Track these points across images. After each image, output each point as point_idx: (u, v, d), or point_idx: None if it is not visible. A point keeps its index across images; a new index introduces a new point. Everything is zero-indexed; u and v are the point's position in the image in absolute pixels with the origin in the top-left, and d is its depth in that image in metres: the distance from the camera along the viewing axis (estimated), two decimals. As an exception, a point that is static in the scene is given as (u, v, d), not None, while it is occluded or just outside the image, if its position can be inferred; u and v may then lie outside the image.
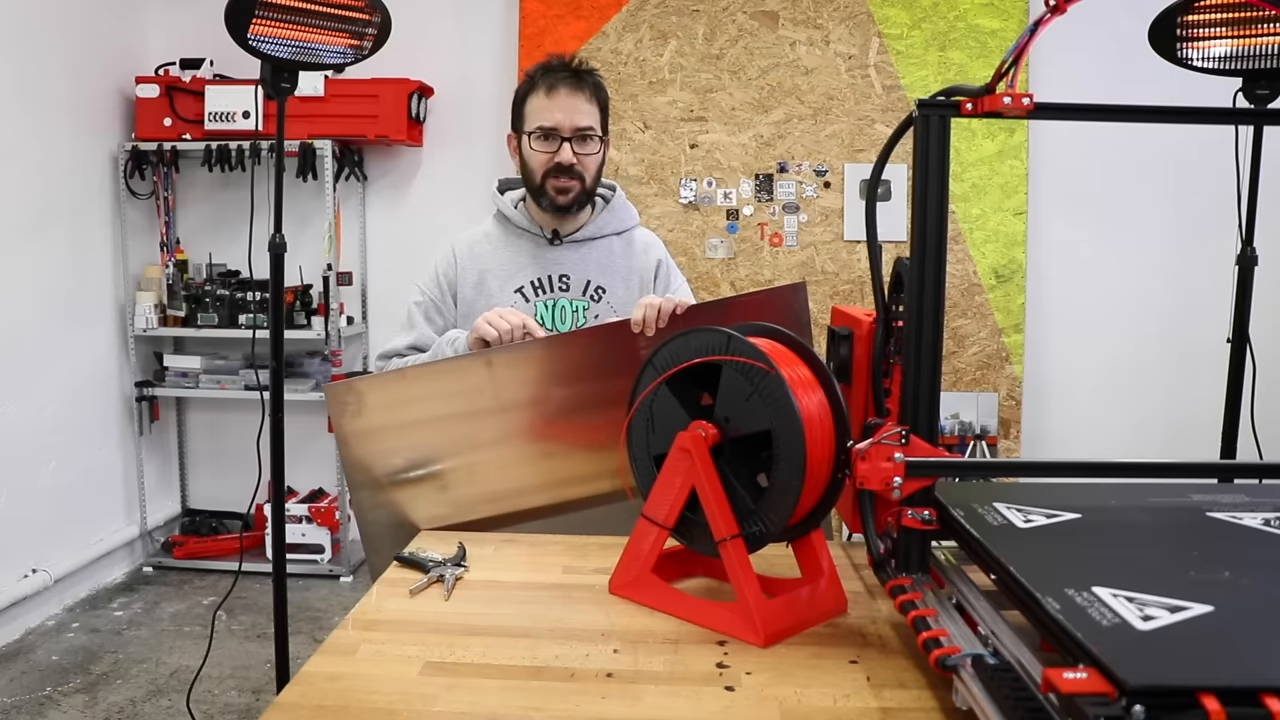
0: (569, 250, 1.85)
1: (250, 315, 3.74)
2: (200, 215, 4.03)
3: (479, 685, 0.94)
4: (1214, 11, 1.92)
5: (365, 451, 1.51)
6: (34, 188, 3.37)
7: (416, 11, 3.67)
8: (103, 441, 3.78)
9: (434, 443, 1.52)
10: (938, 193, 0.98)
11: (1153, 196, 3.73)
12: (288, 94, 1.93)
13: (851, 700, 0.91)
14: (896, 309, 1.10)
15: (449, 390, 1.55)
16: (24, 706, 2.76)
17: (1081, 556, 0.92)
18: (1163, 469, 1.05)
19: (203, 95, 3.70)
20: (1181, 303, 3.72)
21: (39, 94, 3.38)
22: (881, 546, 1.07)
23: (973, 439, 3.67)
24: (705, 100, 3.72)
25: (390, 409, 1.52)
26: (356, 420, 1.50)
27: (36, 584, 3.30)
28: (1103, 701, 0.63)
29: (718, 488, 1.07)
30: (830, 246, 3.72)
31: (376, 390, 1.53)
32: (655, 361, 1.16)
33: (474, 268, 1.84)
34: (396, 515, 1.51)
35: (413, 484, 1.51)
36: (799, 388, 1.04)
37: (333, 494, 3.96)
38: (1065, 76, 3.62)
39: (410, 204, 4.02)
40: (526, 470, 1.55)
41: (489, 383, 1.54)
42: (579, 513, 1.55)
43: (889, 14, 3.65)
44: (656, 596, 1.13)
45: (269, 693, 2.81)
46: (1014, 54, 0.92)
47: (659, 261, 1.91)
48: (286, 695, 0.92)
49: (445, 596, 1.18)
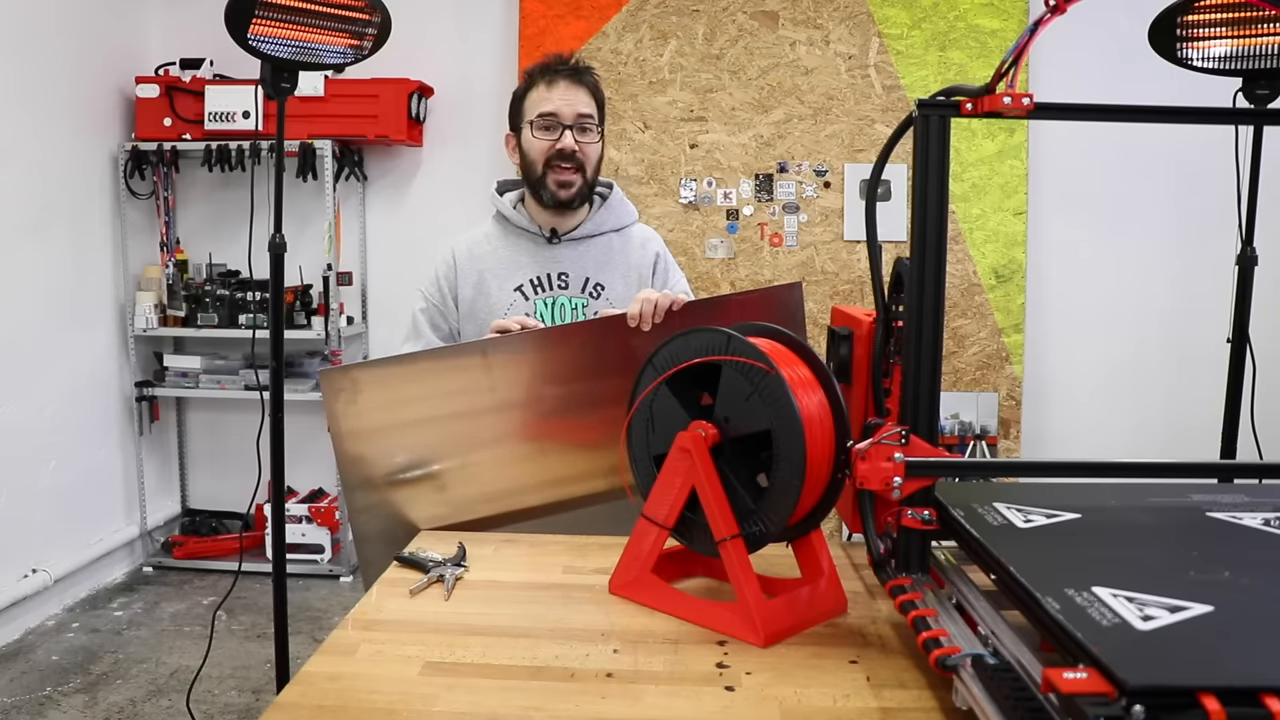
0: (567, 248, 1.85)
1: (250, 315, 3.74)
2: (200, 215, 4.03)
3: (479, 685, 0.94)
4: (1214, 11, 1.92)
5: (360, 449, 1.51)
6: (34, 188, 3.37)
7: (416, 11, 3.67)
8: (103, 441, 3.78)
9: (430, 441, 1.52)
10: (938, 193, 0.98)
11: (1153, 196, 3.72)
12: (288, 94, 1.93)
13: (851, 700, 0.91)
14: (896, 309, 1.10)
15: (445, 387, 1.54)
16: (24, 706, 2.76)
17: (1081, 556, 0.92)
18: (1163, 469, 1.05)
19: (203, 95, 3.70)
20: (1181, 303, 3.72)
21: (39, 94, 3.38)
22: (881, 546, 1.07)
23: (973, 439, 3.67)
24: (705, 100, 3.72)
25: (386, 405, 1.52)
26: (351, 411, 1.49)
27: (36, 584, 3.30)
28: (1103, 701, 0.63)
29: (718, 488, 1.07)
30: (830, 246, 3.72)
31: (372, 379, 1.52)
32: (655, 361, 1.16)
33: (473, 269, 1.85)
34: (392, 514, 1.50)
35: (409, 484, 1.51)
36: (799, 388, 1.04)
37: (333, 494, 3.96)
38: (1065, 76, 3.62)
39: (410, 204, 4.02)
40: (524, 469, 1.55)
41: (485, 378, 1.54)
42: (578, 512, 1.55)
43: (889, 14, 3.65)
44: (656, 596, 1.13)
45: (269, 693, 2.81)
46: (1014, 54, 0.91)
47: (657, 255, 1.91)
48: (286, 695, 0.92)
49: (445, 596, 1.18)
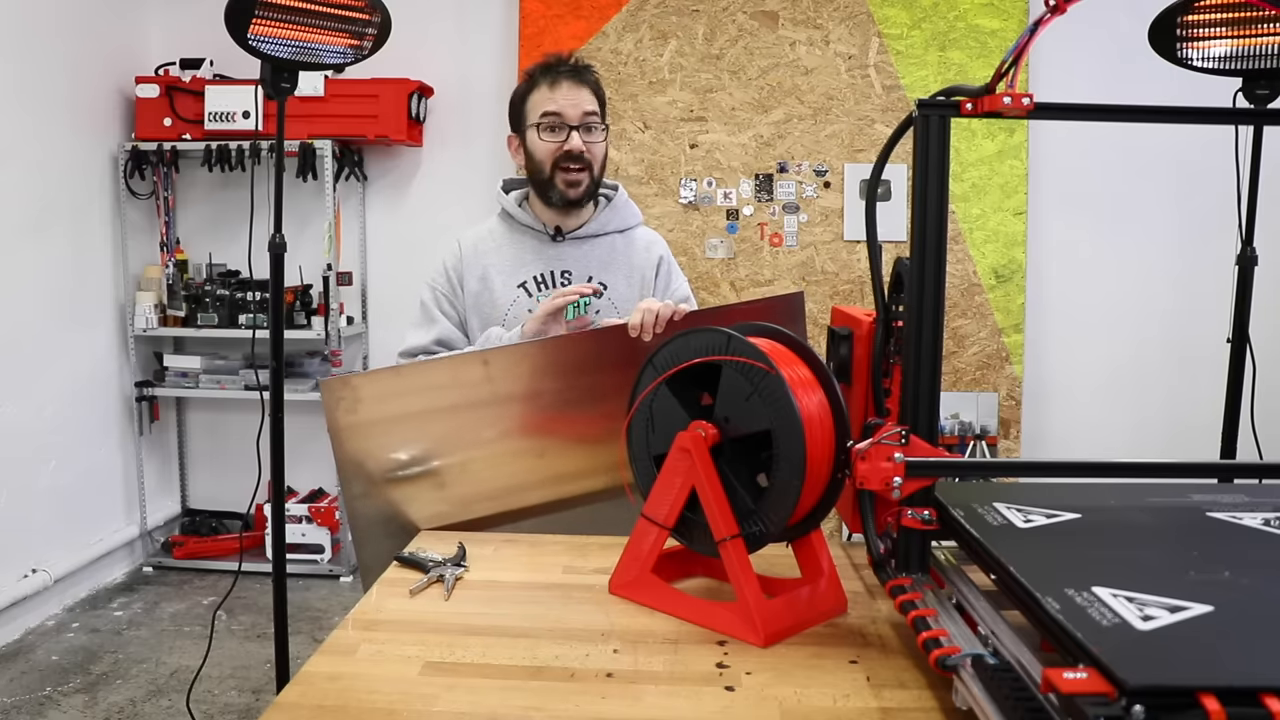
0: (571, 247, 1.86)
1: (250, 315, 3.74)
2: (200, 215, 4.03)
3: (479, 685, 0.94)
4: (1214, 11, 1.92)
5: (360, 448, 1.51)
6: (34, 188, 3.37)
7: (416, 11, 3.67)
8: (103, 441, 3.77)
9: (430, 440, 1.52)
10: (938, 193, 0.98)
11: (1153, 196, 3.72)
12: (288, 94, 1.93)
13: (851, 700, 0.91)
14: (896, 309, 1.10)
15: (445, 388, 1.55)
16: (24, 706, 2.76)
17: (1081, 556, 0.92)
18: (1163, 469, 1.05)
19: (203, 95, 3.70)
20: (1181, 303, 3.72)
21: (39, 94, 3.38)
22: (881, 546, 1.07)
23: (973, 439, 3.67)
24: (705, 100, 3.72)
25: (386, 405, 1.52)
26: (351, 416, 1.50)
27: (36, 584, 3.29)
28: (1103, 701, 0.63)
29: (718, 488, 1.07)
30: (830, 246, 3.72)
31: (372, 387, 1.53)
32: (655, 361, 1.16)
33: (478, 262, 1.85)
34: (390, 512, 1.51)
35: (408, 481, 1.51)
36: (799, 388, 1.04)
37: (333, 494, 3.96)
38: (1065, 76, 3.62)
39: (410, 204, 4.02)
40: (522, 466, 1.55)
41: (485, 382, 1.54)
42: (578, 511, 1.56)
43: (889, 14, 3.65)
44: (656, 596, 1.13)
45: (269, 693, 2.81)
46: (1014, 54, 0.91)
47: (660, 258, 1.92)
48: (286, 695, 0.92)
49: (445, 596, 1.18)
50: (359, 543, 1.56)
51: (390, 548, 1.36)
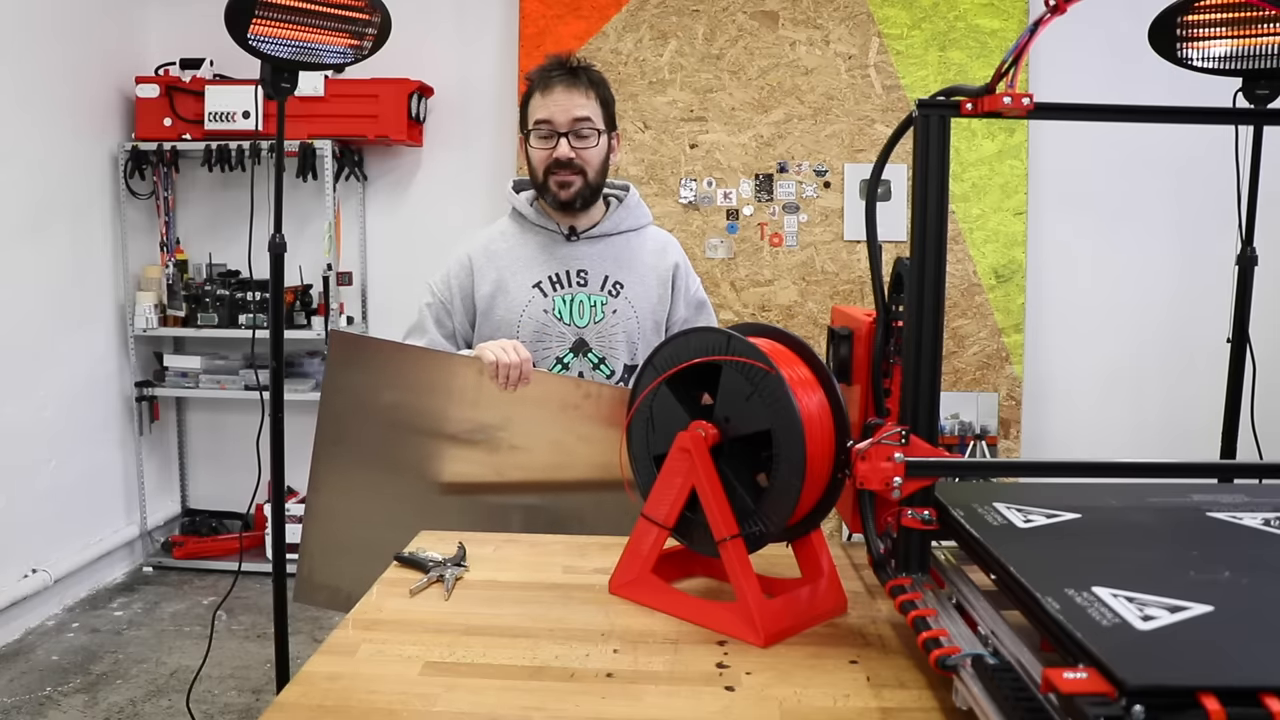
0: (586, 246, 1.86)
1: (250, 315, 3.74)
2: (200, 215, 4.03)
3: (479, 685, 0.94)
4: (1214, 11, 1.92)
5: (349, 402, 1.61)
6: (34, 188, 3.37)
7: (416, 11, 3.66)
8: (103, 441, 3.77)
9: (412, 417, 1.61)
10: (938, 193, 0.98)
11: (1152, 197, 3.72)
12: (288, 94, 1.94)
13: (851, 700, 0.91)
14: (896, 309, 1.10)
15: (440, 405, 1.63)
16: (24, 706, 2.76)
17: (1081, 556, 0.92)
18: (1163, 469, 1.05)
19: (203, 95, 3.69)
20: (1181, 303, 3.71)
21: (39, 94, 3.38)
22: (881, 546, 1.07)
23: (973, 439, 3.67)
24: (705, 100, 3.72)
25: (383, 375, 1.61)
26: (350, 373, 1.59)
27: (36, 584, 3.30)
28: (1103, 701, 0.63)
29: (718, 488, 1.07)
30: (830, 246, 3.72)
31: (381, 354, 1.59)
32: (655, 361, 1.17)
33: (491, 266, 1.84)
34: (355, 479, 1.64)
35: (383, 448, 1.61)
36: (799, 388, 1.04)
37: (333, 494, 3.96)
38: (1065, 76, 3.61)
39: (410, 204, 4.02)
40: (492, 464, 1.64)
41: (482, 388, 1.61)
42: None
43: (889, 14, 3.65)
44: (656, 596, 1.13)
45: (269, 693, 2.81)
46: (1014, 54, 0.91)
47: (676, 265, 1.93)
48: (286, 695, 0.92)
49: (445, 596, 1.18)
50: (312, 515, 1.65)
51: (349, 523, 1.44)
